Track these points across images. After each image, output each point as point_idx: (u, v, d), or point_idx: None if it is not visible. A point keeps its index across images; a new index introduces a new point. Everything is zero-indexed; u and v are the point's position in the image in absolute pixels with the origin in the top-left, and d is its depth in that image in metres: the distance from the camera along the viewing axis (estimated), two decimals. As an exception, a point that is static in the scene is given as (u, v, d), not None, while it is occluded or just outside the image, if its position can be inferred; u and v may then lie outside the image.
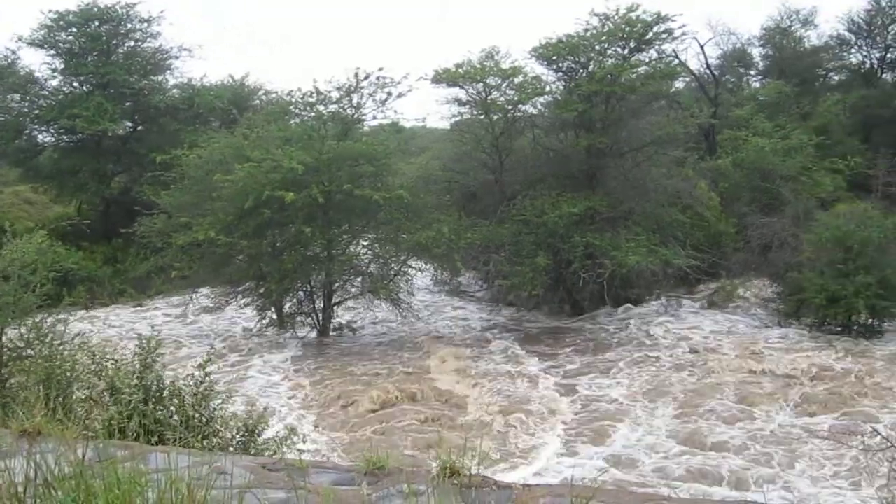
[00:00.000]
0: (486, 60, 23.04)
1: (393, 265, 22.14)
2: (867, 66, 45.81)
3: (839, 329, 20.78)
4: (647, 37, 23.73)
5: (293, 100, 22.58)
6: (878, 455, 11.92)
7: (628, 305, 23.94)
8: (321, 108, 21.74)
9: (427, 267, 24.20)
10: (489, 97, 23.08)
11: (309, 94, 21.53)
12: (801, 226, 24.81)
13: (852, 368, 17.56)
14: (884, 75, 45.53)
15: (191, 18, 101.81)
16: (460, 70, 22.66)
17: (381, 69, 21.41)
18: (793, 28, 46.42)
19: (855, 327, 20.75)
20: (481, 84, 22.85)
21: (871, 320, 20.73)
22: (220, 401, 7.60)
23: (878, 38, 44.72)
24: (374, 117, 22.25)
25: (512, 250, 22.31)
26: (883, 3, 43.62)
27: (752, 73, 49.10)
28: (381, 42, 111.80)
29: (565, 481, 3.11)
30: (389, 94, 21.42)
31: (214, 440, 7.19)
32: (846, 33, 45.69)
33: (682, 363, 18.53)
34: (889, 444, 10.54)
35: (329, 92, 21.40)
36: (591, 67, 23.45)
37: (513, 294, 22.98)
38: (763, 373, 17.42)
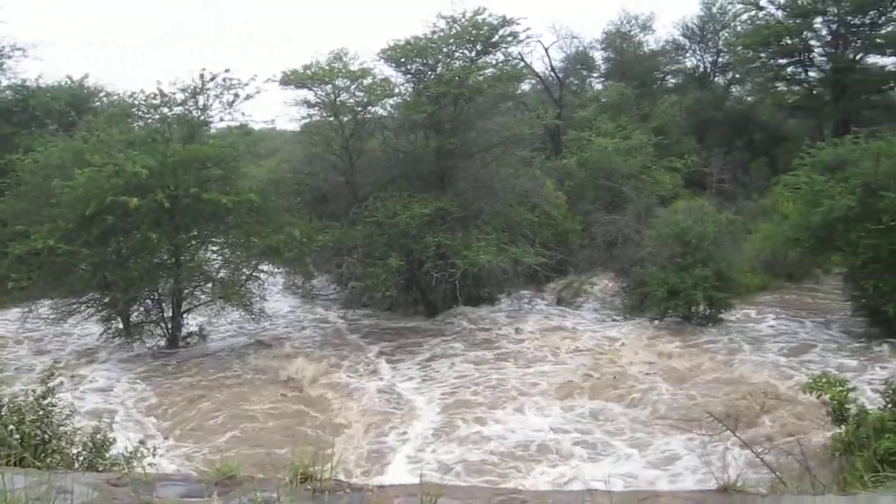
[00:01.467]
0: (335, 62, 23.52)
1: (244, 270, 22.20)
2: (701, 69, 49.39)
3: (680, 320, 22.31)
4: (494, 40, 24.82)
5: (136, 102, 22.26)
6: (715, 438, 13.25)
7: (481, 304, 24.92)
8: (165, 110, 21.56)
9: (279, 271, 24.42)
10: (338, 99, 23.52)
11: (152, 95, 21.34)
12: (643, 222, 26.57)
13: (687, 356, 19.22)
14: (716, 78, 49.21)
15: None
16: (308, 72, 23.02)
17: (227, 70, 21.51)
18: (632, 33, 49.48)
19: (695, 318, 22.33)
20: (330, 86, 23.27)
21: (708, 311, 22.37)
22: (63, 417, 7.46)
23: (710, 44, 48.40)
24: (222, 119, 22.21)
25: (364, 252, 22.74)
26: (714, 11, 47.14)
27: (595, 75, 51.87)
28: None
29: (418, 481, 3.50)
30: (237, 95, 21.48)
31: (57, 458, 6.90)
32: (681, 38, 49.27)
33: (533, 357, 19.65)
34: (724, 427, 11.80)
35: (173, 94, 21.30)
36: (439, 69, 24.21)
37: (367, 296, 23.35)
38: (609, 363, 18.73)
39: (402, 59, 24.26)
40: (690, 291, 21.68)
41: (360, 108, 24.16)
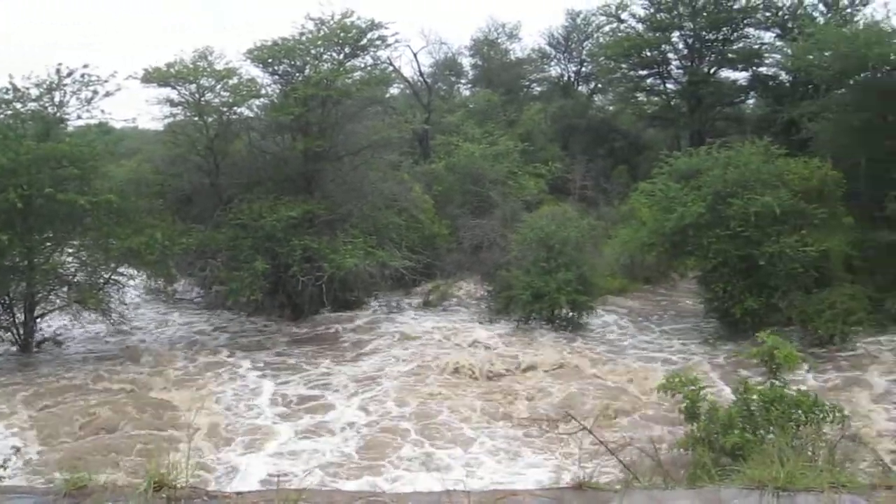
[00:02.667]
0: (200, 61, 23.30)
1: (102, 273, 21.76)
2: (565, 78, 51.19)
3: (544, 323, 23.23)
4: (362, 43, 25.22)
5: (-15, 96, 21.36)
6: (572, 437, 14.02)
7: (348, 308, 25.28)
8: (19, 105, 20.84)
9: (140, 275, 23.99)
10: (203, 98, 23.29)
11: (4, 90, 20.61)
12: (508, 227, 27.42)
13: (549, 357, 20.13)
14: (579, 87, 51.13)
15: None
16: (172, 70, 22.73)
17: (86, 66, 21.03)
18: (500, 40, 50.74)
19: (558, 320, 23.27)
20: (194, 85, 23.02)
21: (571, 313, 23.38)
22: None
23: (574, 53, 50.26)
24: (80, 117, 21.63)
25: (229, 255, 22.61)
26: (578, 22, 49.02)
27: (463, 81, 52.99)
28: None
29: (276, 486, 3.63)
30: (95, 92, 21.01)
31: None
32: (547, 47, 51.04)
33: (398, 360, 20.10)
34: (582, 426, 12.55)
35: (27, 89, 20.64)
36: (307, 71, 24.33)
37: (231, 300, 23.23)
38: (473, 365, 19.38)
39: (269, 60, 24.26)
40: (554, 295, 22.53)
41: (225, 109, 23.92)
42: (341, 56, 25.05)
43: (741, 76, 44.70)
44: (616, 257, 26.20)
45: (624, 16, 44.26)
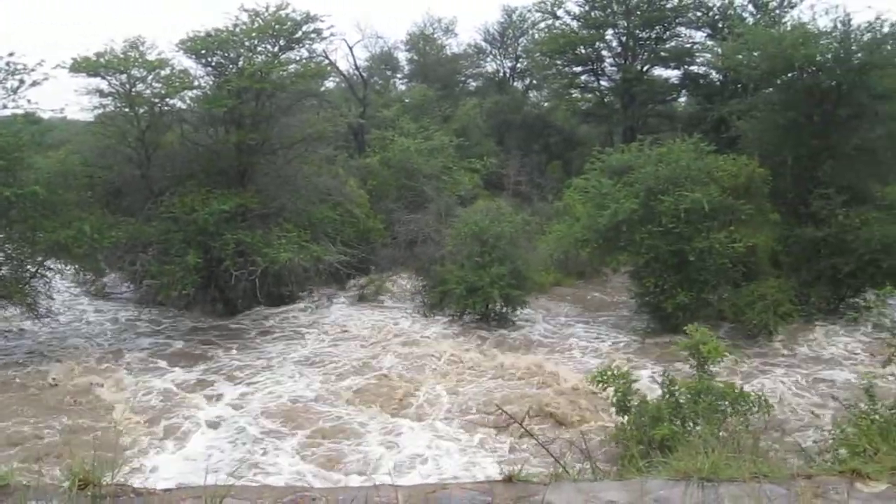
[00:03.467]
0: (131, 51, 22.98)
1: (28, 267, 21.37)
2: (501, 74, 51.67)
3: (478, 318, 23.51)
4: (297, 35, 25.13)
5: None
6: (504, 432, 14.32)
7: (282, 302, 25.29)
8: (-59, 94, 20.32)
9: (68, 268, 23.58)
10: (133, 89, 22.98)
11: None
12: (443, 221, 27.64)
13: (481, 352, 20.49)
14: (515, 83, 51.63)
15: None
16: (102, 59, 22.36)
17: (11, 54, 20.60)
18: (435, 35, 50.95)
19: (492, 315, 23.59)
20: (125, 75, 22.70)
21: (504, 308, 23.72)
22: None
23: (510, 49, 50.76)
24: (5, 106, 21.17)
25: (160, 249, 22.36)
26: (514, 18, 49.52)
27: (399, 76, 53.16)
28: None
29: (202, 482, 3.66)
30: (22, 81, 20.62)
31: None
32: (483, 43, 51.46)
33: (328, 355, 20.22)
34: (513, 420, 12.81)
35: (-49, 78, 20.12)
36: (240, 63, 24.15)
37: (162, 294, 22.99)
38: (406, 359, 19.68)
39: (203, 52, 24.02)
40: (488, 289, 22.79)
41: (157, 100, 23.58)
42: (276, 48, 24.91)
43: (673, 74, 45.76)
44: (550, 252, 26.50)
45: (559, 13, 44.89)
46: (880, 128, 25.49)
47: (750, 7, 41.77)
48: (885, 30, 24.97)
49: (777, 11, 40.35)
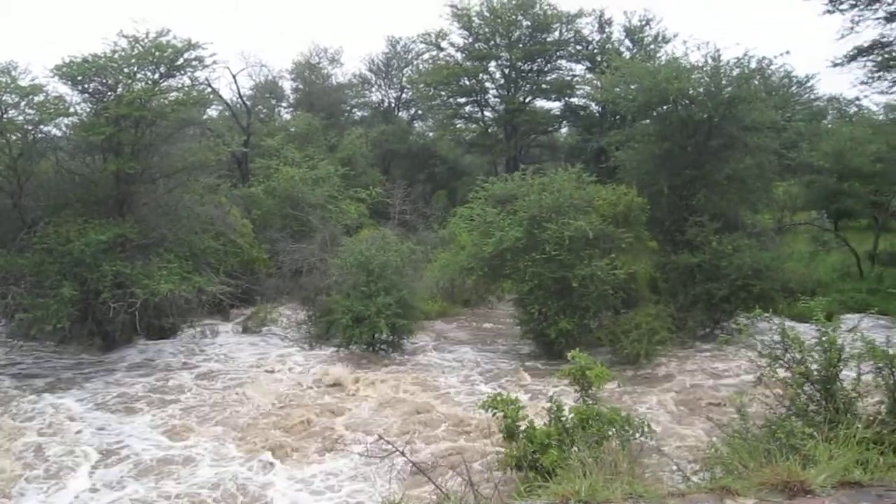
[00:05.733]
0: (2, 76, 22.25)
1: None
2: (386, 104, 52.16)
3: (364, 347, 23.48)
4: (178, 62, 24.74)
5: None
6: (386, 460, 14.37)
7: (163, 335, 24.80)
8: None
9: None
10: (5, 115, 22.22)
11: None
12: (328, 251, 27.55)
13: (367, 381, 20.52)
14: (400, 113, 52.22)
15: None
16: (-30, 85, 21.57)
17: None
18: (321, 65, 51.06)
19: (378, 344, 23.64)
20: (-5, 101, 21.91)
21: (390, 337, 23.79)
22: None
23: (394, 80, 51.37)
24: None
25: (34, 281, 21.52)
26: (398, 49, 50.22)
27: (284, 104, 53.00)
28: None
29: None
30: None
31: None
32: (368, 73, 51.89)
33: (212, 389, 19.99)
34: (394, 449, 12.94)
35: None
36: (119, 90, 23.65)
37: (35, 329, 22.13)
38: (290, 392, 19.57)
39: (79, 77, 23.43)
40: (374, 319, 22.87)
41: (30, 127, 22.93)
42: (156, 75, 24.53)
43: (554, 106, 47.37)
44: (436, 281, 26.84)
45: (443, 44, 45.83)
46: (749, 158, 26.88)
47: (627, 42, 43.73)
48: (752, 65, 26.51)
49: (652, 46, 42.37)
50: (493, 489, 11.10)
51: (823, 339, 9.64)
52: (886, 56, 29.46)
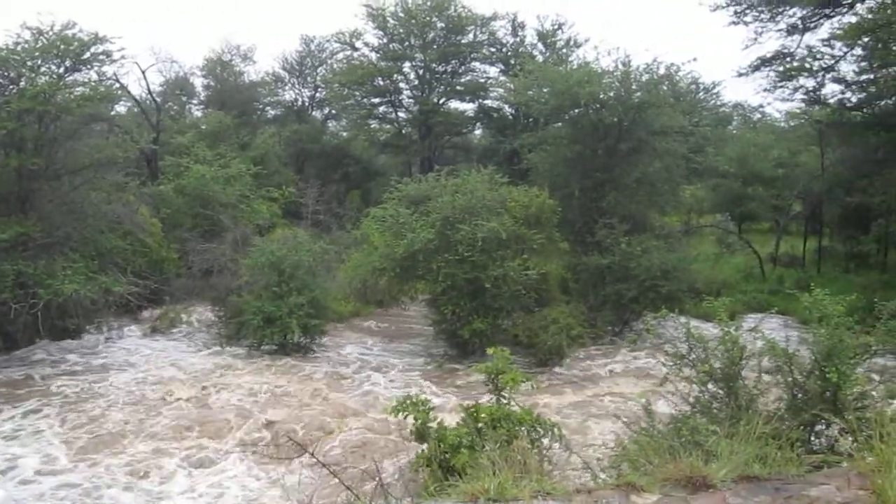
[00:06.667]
0: None
1: None
2: (300, 103, 51.78)
3: (276, 348, 23.28)
4: (85, 56, 24.17)
5: None
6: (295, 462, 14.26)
7: (67, 336, 24.02)
8: None
9: None
10: None
11: None
12: (240, 251, 27.11)
13: (277, 382, 20.34)
14: (314, 112, 51.89)
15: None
16: None
17: None
18: (233, 62, 50.37)
19: (290, 345, 23.38)
20: None
21: (303, 338, 23.61)
22: None
23: (308, 79, 51.01)
24: None
25: (-71, 282, 20.84)
26: (312, 47, 49.90)
27: (195, 101, 52.11)
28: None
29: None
30: None
31: None
32: (281, 71, 51.48)
33: (115, 395, 19.23)
34: (304, 450, 12.83)
35: None
36: (22, 83, 23.01)
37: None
38: (196, 394, 19.23)
39: (-21, 70, 22.67)
40: (286, 319, 22.66)
41: (-76, 120, 22.03)
42: (61, 69, 23.89)
43: (468, 107, 47.81)
44: (349, 281, 26.72)
45: (358, 44, 45.78)
46: (658, 162, 27.68)
47: (539, 45, 44.34)
48: (661, 71, 27.34)
49: (564, 50, 43.12)
50: (404, 489, 11.18)
51: (726, 337, 9.99)
52: (788, 66, 30.68)
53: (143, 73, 44.30)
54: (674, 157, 28.02)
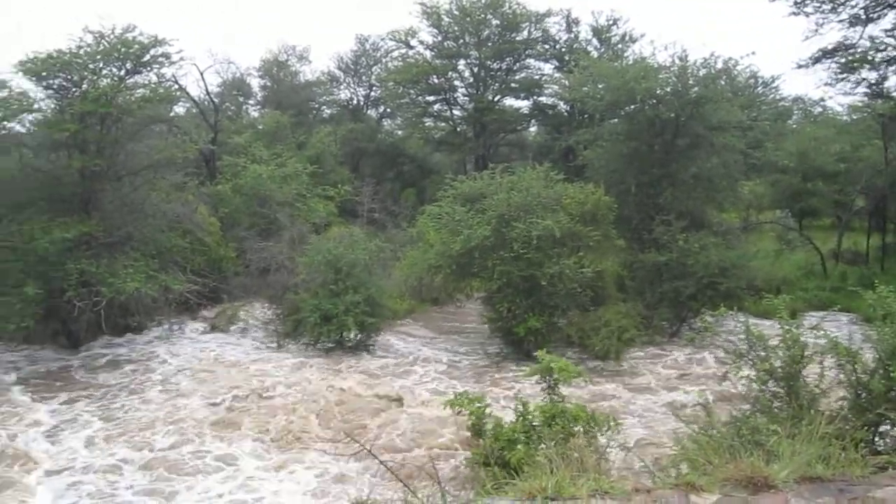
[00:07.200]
0: (-36, 71, 21.99)
1: None
2: (355, 102, 52.07)
3: (332, 346, 23.42)
4: (145, 59, 24.64)
5: None
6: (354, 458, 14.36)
7: (128, 333, 24.51)
8: None
9: None
10: (-33, 112, 21.93)
11: None
12: (297, 249, 27.40)
13: (336, 379, 20.47)
14: (369, 111, 52.16)
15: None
16: (-67, 81, 21.27)
17: None
18: (289, 62, 50.86)
19: (346, 343, 23.53)
20: (-42, 97, 21.64)
21: (359, 336, 23.70)
22: None
23: (363, 78, 51.28)
24: None
25: (-4, 280, 21.42)
26: (367, 47, 50.14)
27: (252, 102, 52.72)
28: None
29: None
30: None
31: None
32: (337, 71, 51.75)
33: (178, 390, 19.58)
34: (362, 446, 12.89)
35: None
36: (84, 86, 23.48)
37: (-2, 328, 21.84)
38: (256, 389, 19.45)
39: (44, 73, 23.18)
40: (342, 317, 22.76)
41: (-8, 123, 22.67)
42: (122, 72, 24.37)
43: (523, 105, 47.63)
44: (404, 279, 26.81)
45: (413, 42, 45.81)
46: (715, 157, 27.23)
47: (594, 41, 43.99)
48: (719, 65, 26.87)
49: (619, 46, 42.71)
50: (461, 486, 11.17)
51: (787, 336, 9.78)
52: (850, 58, 29.94)
53: (202, 74, 45.15)
54: (732, 152, 27.56)
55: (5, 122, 23.09)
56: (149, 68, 25.32)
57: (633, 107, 27.13)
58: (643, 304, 24.45)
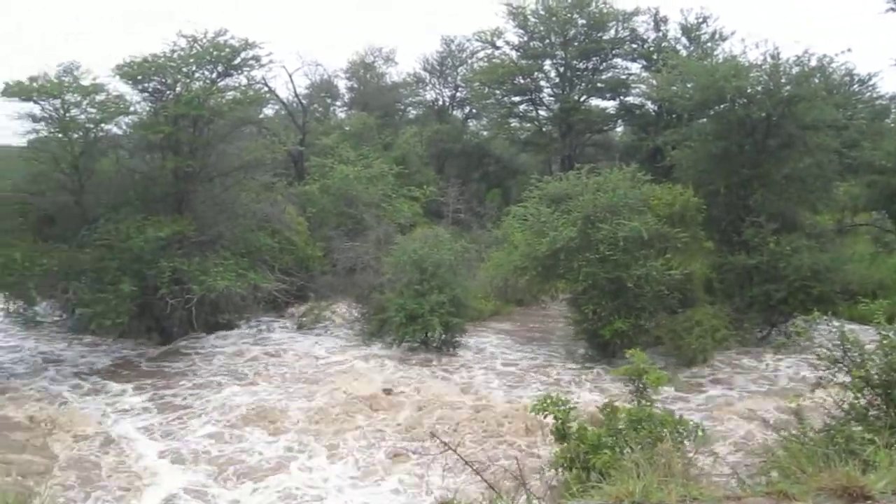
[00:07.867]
0: (65, 76, 22.74)
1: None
2: (440, 103, 52.11)
3: (417, 345, 23.56)
4: (235, 62, 25.23)
5: None
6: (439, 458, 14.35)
7: (219, 330, 25.03)
8: None
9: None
10: (68, 114, 22.68)
11: None
12: (382, 249, 27.61)
13: (421, 379, 20.54)
14: (454, 112, 52.12)
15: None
16: (35, 84, 22.08)
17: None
18: (376, 64, 51.22)
19: (432, 342, 23.63)
20: (59, 100, 22.41)
21: (444, 335, 23.70)
22: None
23: (449, 79, 51.30)
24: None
25: (94, 277, 22.01)
26: (453, 47, 50.16)
27: (339, 103, 53.26)
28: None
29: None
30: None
31: None
32: (422, 72, 51.88)
33: (276, 388, 19.96)
34: (447, 447, 12.88)
35: None
36: (178, 89, 24.15)
37: (95, 323, 22.47)
38: (343, 389, 19.55)
39: (139, 77, 23.90)
40: (428, 317, 22.88)
41: (91, 125, 23.37)
42: (214, 75, 24.97)
43: (609, 105, 46.90)
44: (489, 280, 26.75)
45: (498, 42, 45.59)
46: (808, 157, 26.39)
47: (683, 40, 43.06)
48: (812, 63, 26.02)
49: (709, 44, 41.68)
50: (545, 488, 11.04)
51: (884, 342, 9.36)
52: (953, 53, 28.63)
53: (290, 76, 45.88)
54: (826, 152, 26.64)
55: (103, 125, 23.82)
56: (239, 71, 25.89)
57: (722, 106, 26.53)
58: (732, 308, 23.87)
